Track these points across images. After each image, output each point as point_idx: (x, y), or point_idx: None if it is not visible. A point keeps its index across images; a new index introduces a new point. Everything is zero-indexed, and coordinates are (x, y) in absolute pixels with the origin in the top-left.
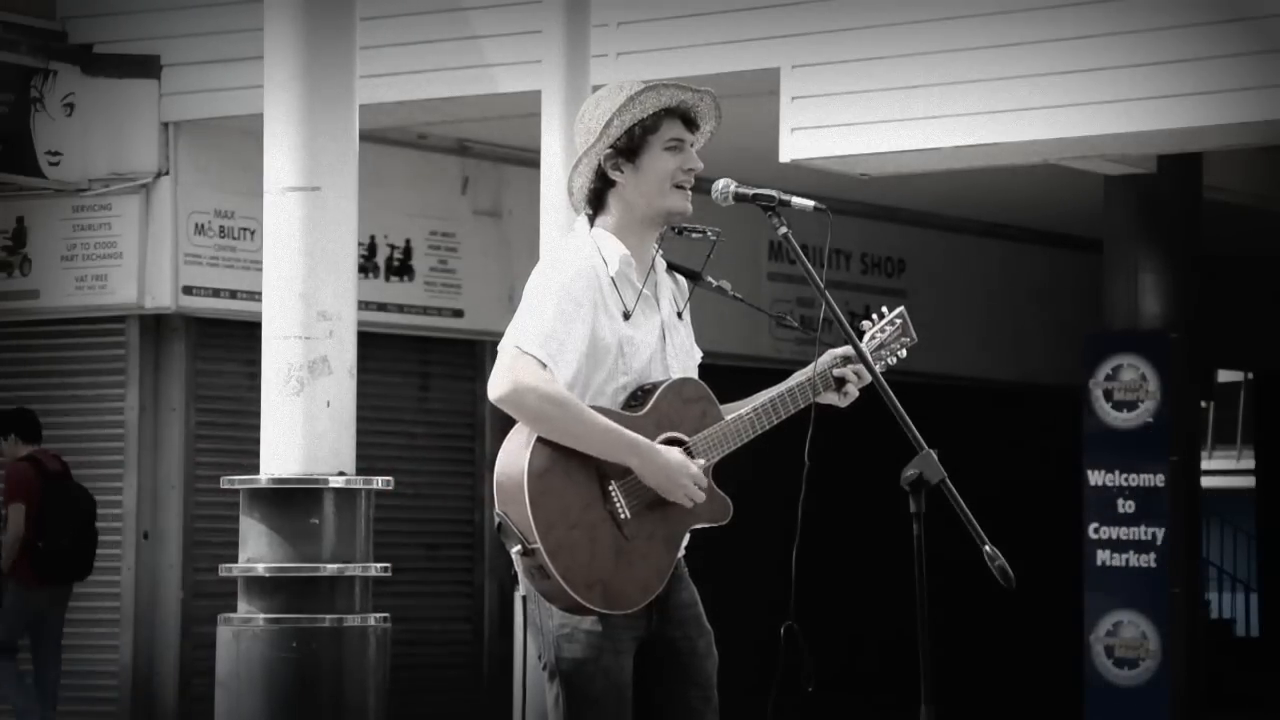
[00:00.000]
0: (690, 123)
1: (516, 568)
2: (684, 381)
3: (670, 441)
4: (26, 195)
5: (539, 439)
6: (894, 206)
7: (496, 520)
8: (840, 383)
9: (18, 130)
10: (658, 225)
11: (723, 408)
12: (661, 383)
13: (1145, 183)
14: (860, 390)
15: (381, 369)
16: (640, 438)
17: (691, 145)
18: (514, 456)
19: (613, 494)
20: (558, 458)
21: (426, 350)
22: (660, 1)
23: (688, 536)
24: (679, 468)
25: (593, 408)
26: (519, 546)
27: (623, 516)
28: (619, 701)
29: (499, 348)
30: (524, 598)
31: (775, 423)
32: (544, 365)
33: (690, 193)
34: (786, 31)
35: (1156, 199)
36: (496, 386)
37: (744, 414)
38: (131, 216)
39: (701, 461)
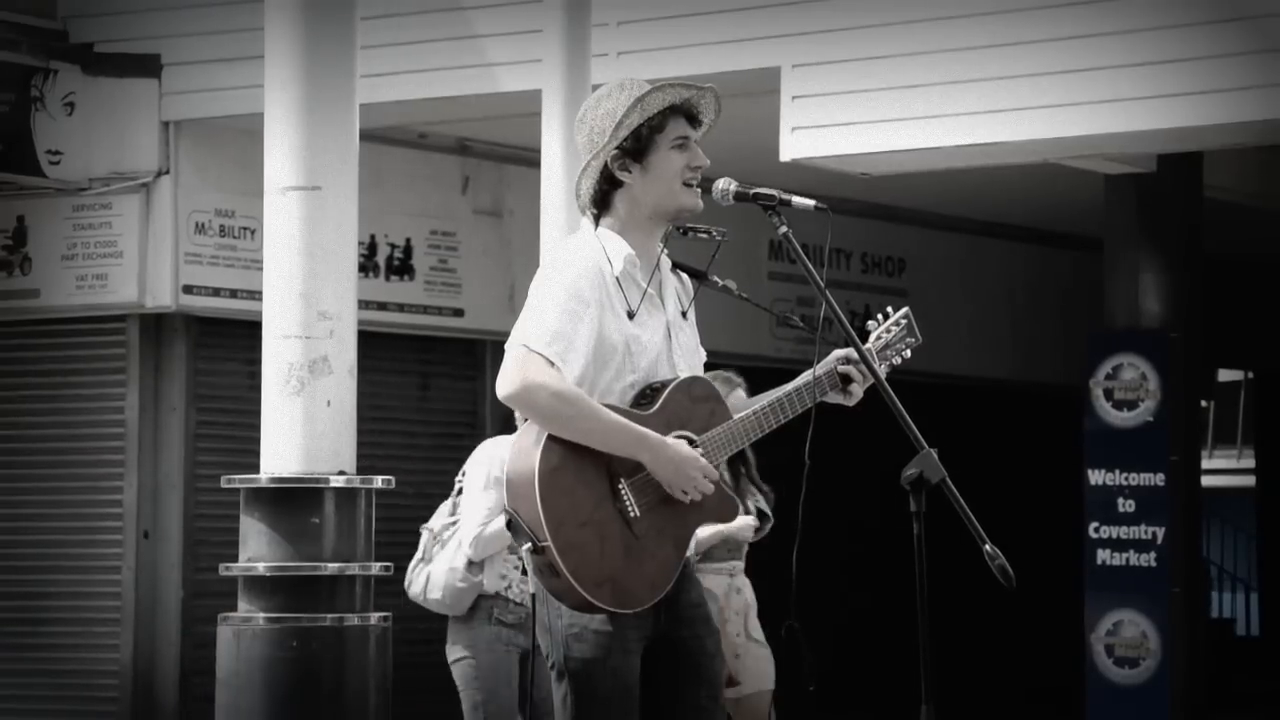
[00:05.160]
0: (693, 119)
1: (526, 565)
2: (693, 380)
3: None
4: (27, 195)
5: (549, 437)
6: (894, 206)
7: (506, 518)
8: (846, 381)
9: (18, 130)
10: (665, 223)
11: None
12: (670, 381)
13: (1145, 182)
14: (864, 390)
15: (381, 369)
16: (650, 432)
17: (695, 142)
18: (524, 455)
19: (622, 492)
20: (568, 456)
21: (426, 350)
22: (660, 1)
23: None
24: (688, 461)
25: (604, 405)
26: (529, 544)
27: (632, 515)
28: (627, 701)
29: (506, 346)
30: (532, 596)
31: (782, 422)
32: (552, 364)
33: (699, 190)
34: (786, 31)
35: (1156, 199)
36: (506, 384)
37: (751, 413)
38: (132, 216)
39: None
